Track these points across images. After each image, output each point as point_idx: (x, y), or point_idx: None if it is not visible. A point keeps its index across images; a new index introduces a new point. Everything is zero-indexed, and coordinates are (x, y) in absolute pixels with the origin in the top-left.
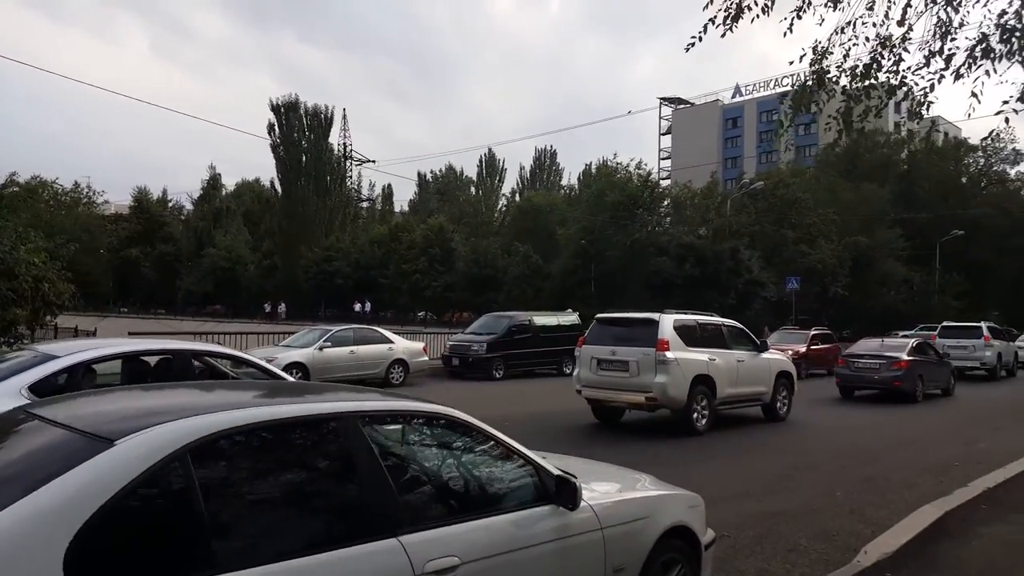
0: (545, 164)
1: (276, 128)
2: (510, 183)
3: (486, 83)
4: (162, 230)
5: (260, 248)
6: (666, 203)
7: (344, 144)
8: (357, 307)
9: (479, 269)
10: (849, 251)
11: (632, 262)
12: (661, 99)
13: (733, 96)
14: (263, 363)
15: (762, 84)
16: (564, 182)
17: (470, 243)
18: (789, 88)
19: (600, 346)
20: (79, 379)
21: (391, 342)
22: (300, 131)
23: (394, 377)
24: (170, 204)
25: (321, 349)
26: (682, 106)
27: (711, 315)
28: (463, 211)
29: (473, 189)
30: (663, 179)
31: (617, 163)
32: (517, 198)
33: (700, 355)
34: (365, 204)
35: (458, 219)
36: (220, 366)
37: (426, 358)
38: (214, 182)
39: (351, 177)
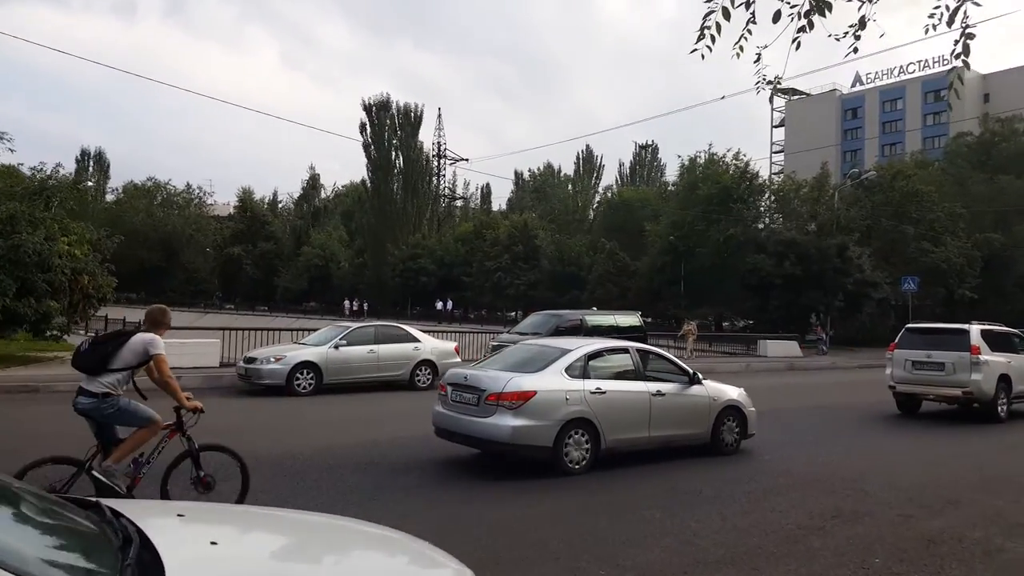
0: (645, 160)
1: (368, 127)
2: (609, 180)
3: (595, 85)
4: (264, 229)
5: (353, 246)
6: (767, 196)
7: (438, 143)
8: (439, 305)
9: (563, 267)
10: (980, 249)
11: (726, 260)
12: (773, 89)
13: (853, 85)
14: None
15: (885, 72)
16: (666, 178)
17: (554, 240)
18: (916, 75)
19: (914, 350)
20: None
21: (417, 341)
22: (392, 129)
23: (420, 380)
24: (280, 205)
25: (336, 348)
26: (797, 97)
27: (999, 326)
28: (554, 208)
29: (570, 186)
30: (775, 174)
31: (712, 153)
32: (609, 195)
33: (1000, 358)
34: (459, 202)
35: (549, 217)
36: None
37: (457, 359)
38: (313, 182)
39: (444, 175)
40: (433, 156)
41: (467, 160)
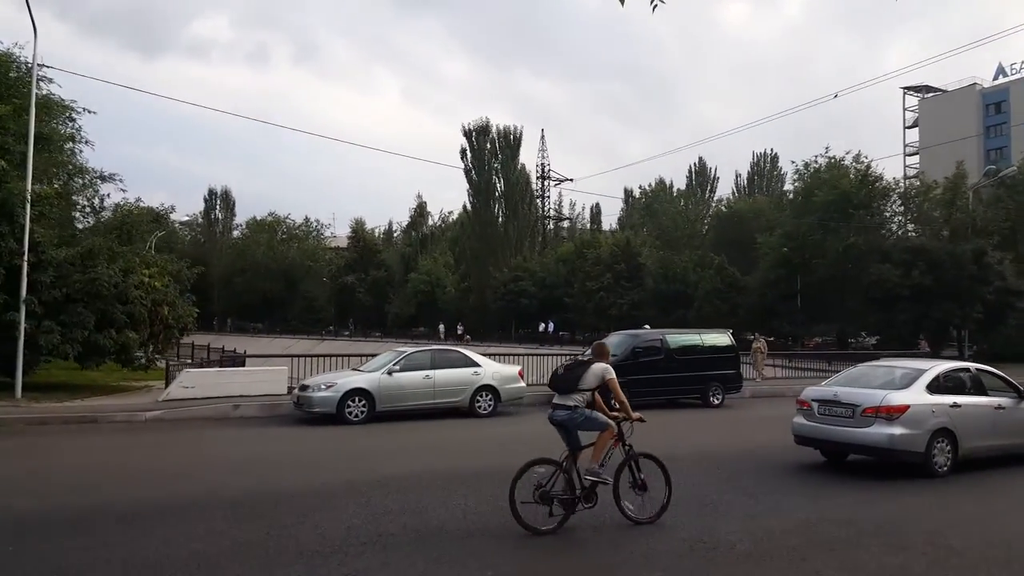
0: (764, 170)
1: (468, 152)
2: (725, 192)
3: (716, 98)
4: (375, 258)
5: (458, 271)
6: (893, 201)
7: (542, 164)
8: (542, 327)
9: (667, 284)
10: None
11: (847, 271)
12: (905, 88)
13: (995, 78)
14: None
15: None
16: (787, 188)
17: (658, 256)
18: None
19: None
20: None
21: (477, 365)
22: (492, 153)
23: (481, 407)
24: (395, 234)
25: (390, 373)
26: (931, 94)
27: None
28: (662, 224)
29: (681, 201)
30: (910, 177)
31: (830, 157)
32: (721, 207)
33: None
34: (565, 223)
35: (656, 233)
36: None
37: (522, 384)
38: (421, 210)
39: (548, 196)
40: (537, 178)
41: (571, 180)
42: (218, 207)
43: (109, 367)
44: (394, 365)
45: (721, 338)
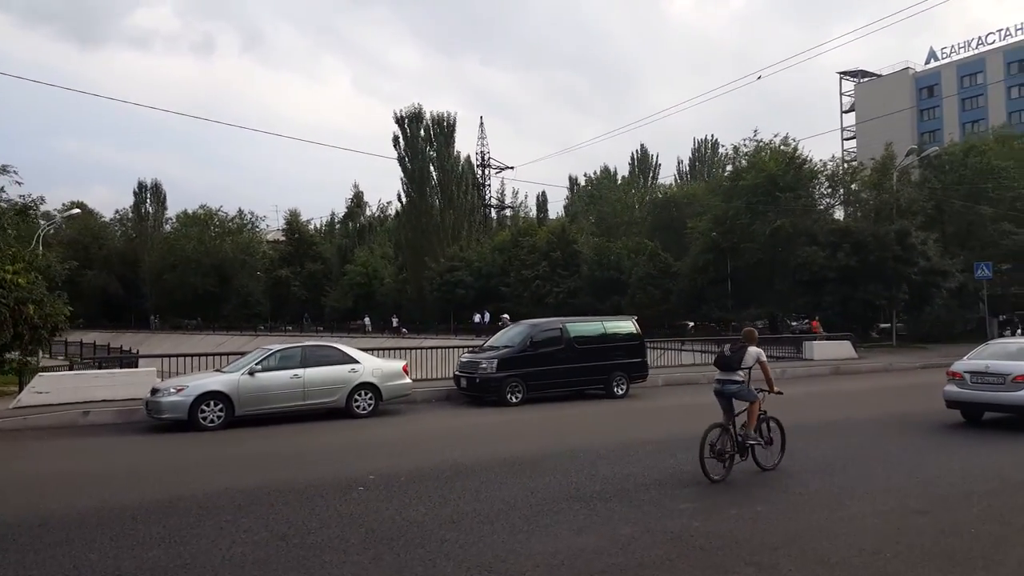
0: (706, 156)
1: (401, 140)
2: (669, 179)
3: (667, 87)
4: (312, 250)
5: (395, 262)
6: (822, 183)
7: (482, 152)
8: (477, 318)
9: (602, 271)
10: None
11: (775, 255)
12: (841, 73)
13: (927, 62)
14: None
15: (962, 44)
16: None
17: (593, 243)
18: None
19: None
20: None
21: (355, 362)
22: (426, 140)
23: (360, 406)
24: (337, 226)
25: (251, 374)
26: (867, 79)
27: None
28: (602, 212)
29: (629, 189)
30: (849, 161)
31: (758, 140)
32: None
33: None
34: (508, 212)
35: (597, 221)
36: None
37: (407, 380)
38: (358, 200)
39: (489, 185)
40: (477, 166)
41: (512, 168)
42: (148, 200)
43: None
44: (256, 365)
45: (626, 326)
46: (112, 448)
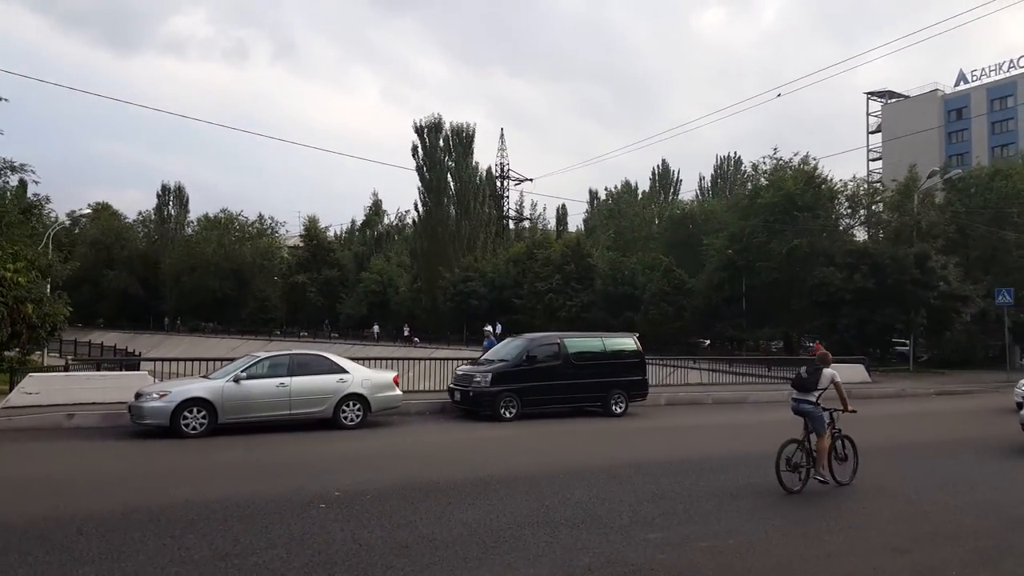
0: (728, 173)
1: (420, 150)
2: (690, 195)
3: (694, 103)
4: (329, 256)
5: (411, 271)
6: (843, 204)
7: (501, 164)
8: (488, 329)
9: (616, 286)
10: None
11: (792, 275)
12: (869, 94)
13: (957, 84)
14: None
15: (994, 67)
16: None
17: (608, 258)
18: None
19: None
20: None
21: (344, 371)
22: (445, 150)
23: (348, 417)
24: (357, 233)
25: (237, 381)
26: (894, 99)
27: None
28: (620, 226)
29: (652, 204)
30: (874, 182)
31: (776, 159)
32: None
33: None
34: (526, 223)
35: (615, 235)
36: None
37: (398, 392)
38: (376, 208)
39: (507, 196)
40: (497, 177)
41: (531, 180)
42: (171, 203)
43: None
44: (241, 372)
45: (626, 343)
46: (86, 453)
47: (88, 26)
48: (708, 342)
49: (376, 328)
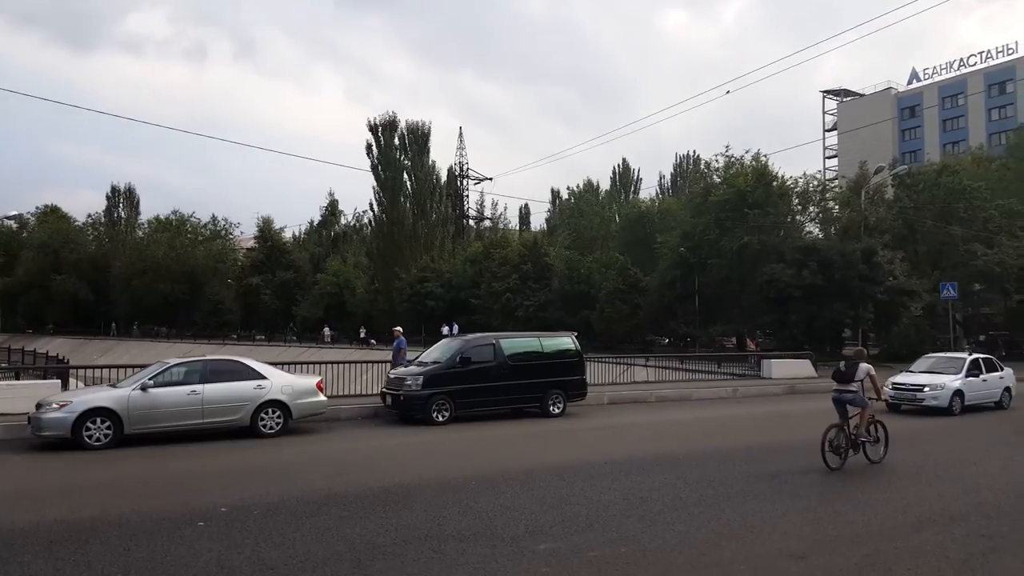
0: (687, 171)
1: (374, 148)
2: (650, 193)
3: (659, 103)
4: (284, 258)
5: (368, 272)
6: (793, 201)
7: (460, 163)
8: (445, 330)
9: (572, 285)
10: None
11: (743, 272)
12: (824, 92)
13: (909, 82)
14: None
15: (944, 66)
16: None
17: (564, 256)
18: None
19: None
20: None
21: (262, 377)
22: (402, 149)
23: (266, 425)
24: (311, 235)
25: (144, 389)
26: (849, 98)
27: None
28: (579, 225)
29: (611, 203)
30: (830, 180)
31: (728, 156)
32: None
33: None
34: (487, 223)
35: (574, 235)
36: None
37: (321, 398)
38: (332, 208)
39: (466, 195)
40: (457, 176)
41: (490, 179)
42: (121, 205)
43: None
44: (148, 380)
45: (564, 342)
46: None
47: (43, 25)
48: (667, 340)
49: (327, 331)
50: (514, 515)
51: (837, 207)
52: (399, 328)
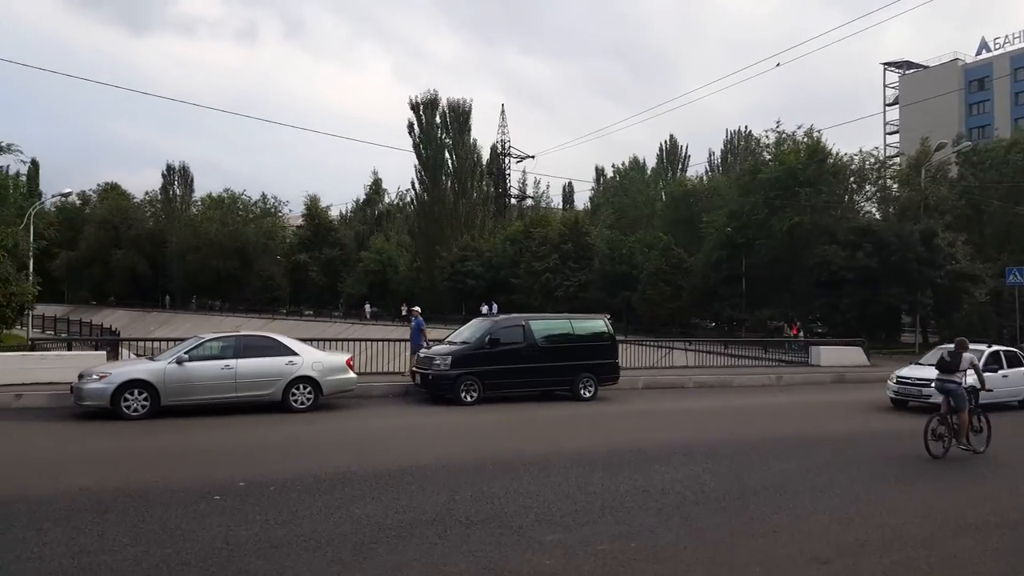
0: (738, 148)
1: (416, 127)
2: (699, 171)
3: (706, 76)
4: (330, 235)
5: (411, 250)
6: (848, 179)
7: (503, 141)
8: (484, 309)
9: (614, 265)
10: None
11: (793, 253)
12: (885, 64)
13: (978, 52)
14: None
15: (1017, 35)
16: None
17: (606, 236)
18: None
19: None
20: None
21: (294, 354)
22: (443, 127)
23: (298, 400)
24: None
25: (179, 363)
26: (912, 70)
27: None
28: (622, 204)
29: (658, 181)
30: (890, 157)
31: (779, 132)
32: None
33: None
34: (529, 202)
35: (618, 213)
36: None
37: (351, 375)
38: (376, 187)
39: (508, 173)
40: (499, 154)
41: (533, 157)
42: (176, 183)
43: None
44: (184, 353)
45: (596, 324)
46: (15, 434)
47: (101, 6)
48: (713, 323)
49: (368, 307)
50: (526, 502)
51: (896, 186)
52: (417, 308)
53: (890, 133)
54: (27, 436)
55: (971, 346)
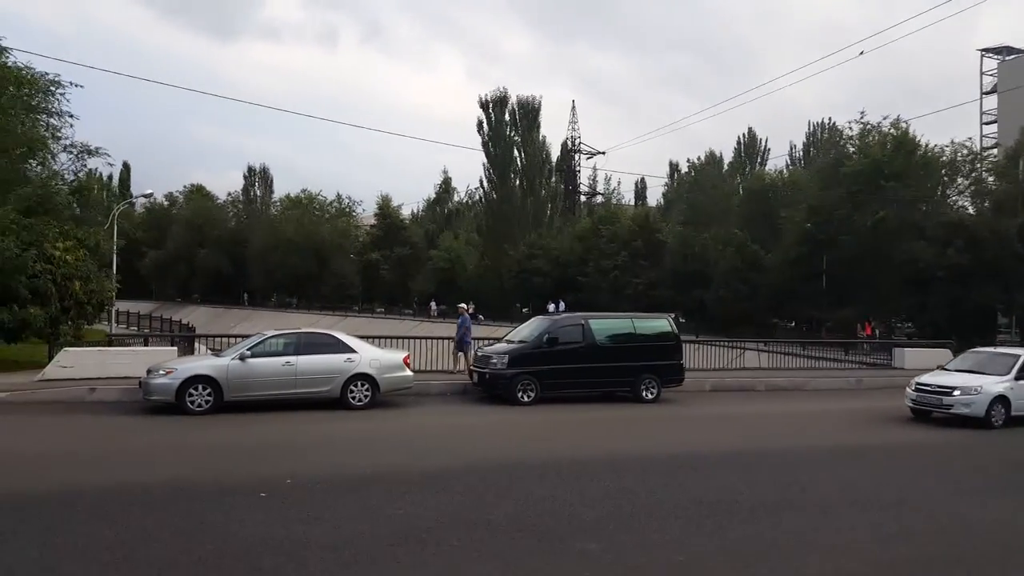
0: (821, 140)
1: (485, 125)
2: (780, 164)
3: (785, 66)
4: (401, 234)
5: (479, 248)
6: (939, 171)
7: (573, 137)
8: (551, 307)
9: (686, 263)
10: None
11: (877, 250)
12: (983, 50)
13: None
14: None
15: None
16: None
17: (677, 233)
18: None
19: None
20: None
21: (352, 351)
22: (513, 124)
23: (356, 397)
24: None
25: (242, 359)
26: (1012, 56)
27: None
28: (695, 200)
29: (736, 176)
30: (989, 148)
31: (863, 123)
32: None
33: None
34: (599, 199)
35: (691, 209)
36: None
37: (407, 373)
38: (446, 185)
39: (578, 170)
40: (570, 151)
41: (603, 153)
42: (257, 184)
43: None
44: (247, 350)
45: (660, 324)
46: (83, 427)
47: (189, 14)
48: (792, 323)
49: (434, 305)
50: (570, 507)
51: (992, 178)
52: (463, 304)
53: (987, 123)
54: (92, 429)
55: (1006, 350)
